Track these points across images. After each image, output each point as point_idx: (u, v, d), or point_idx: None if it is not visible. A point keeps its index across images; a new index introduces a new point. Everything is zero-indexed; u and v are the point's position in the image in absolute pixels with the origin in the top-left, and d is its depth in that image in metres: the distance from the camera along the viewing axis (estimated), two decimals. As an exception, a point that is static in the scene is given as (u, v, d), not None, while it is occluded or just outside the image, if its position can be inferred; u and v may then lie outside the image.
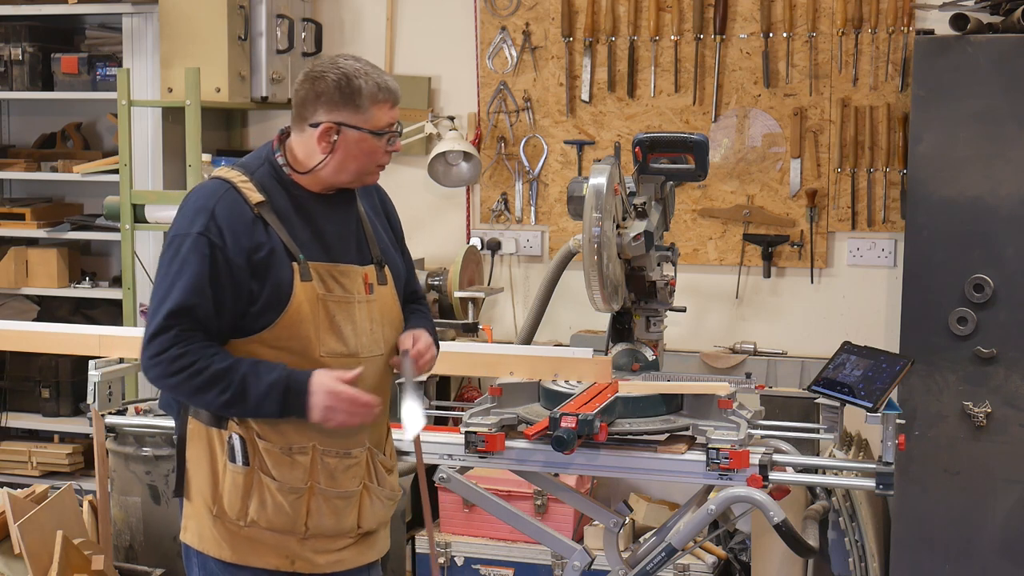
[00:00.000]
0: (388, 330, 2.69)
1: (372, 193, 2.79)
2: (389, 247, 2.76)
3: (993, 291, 4.03)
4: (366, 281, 2.65)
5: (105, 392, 3.59)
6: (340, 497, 2.63)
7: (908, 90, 4.41)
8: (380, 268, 2.69)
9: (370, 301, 2.65)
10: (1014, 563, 4.09)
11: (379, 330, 2.67)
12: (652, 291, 3.49)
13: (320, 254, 2.60)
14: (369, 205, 2.76)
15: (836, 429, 3.15)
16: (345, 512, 2.65)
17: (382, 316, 2.68)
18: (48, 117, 5.47)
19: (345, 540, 2.68)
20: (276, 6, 4.85)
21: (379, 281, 2.68)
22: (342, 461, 2.63)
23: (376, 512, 2.72)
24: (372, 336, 2.65)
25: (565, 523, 4.31)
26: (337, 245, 2.63)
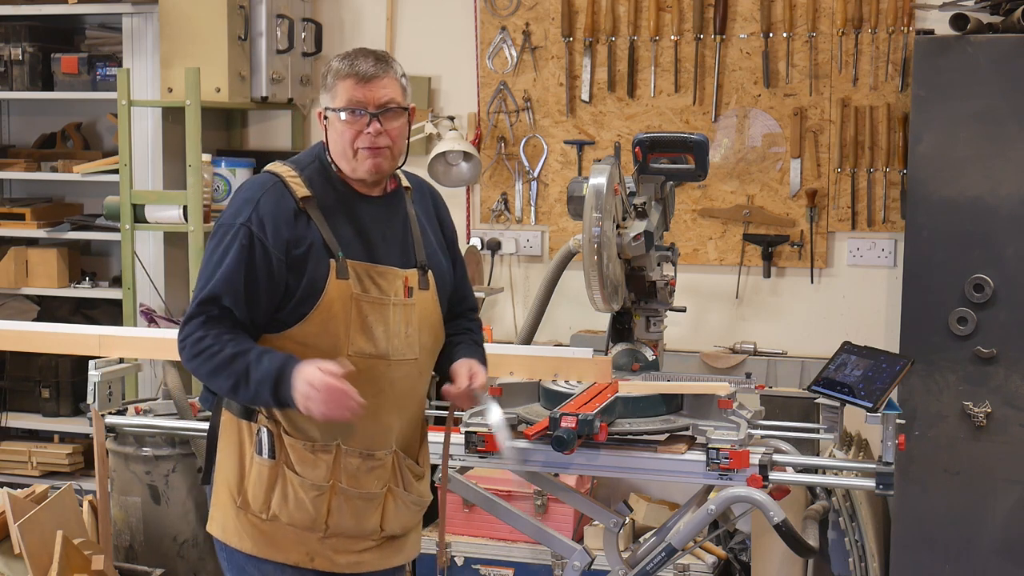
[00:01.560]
0: (425, 335, 2.68)
1: (427, 197, 2.79)
2: (437, 252, 2.74)
3: (993, 291, 4.03)
4: (406, 284, 2.63)
5: (105, 392, 3.60)
6: (362, 498, 2.64)
7: (908, 90, 4.41)
8: (423, 273, 2.68)
9: (408, 305, 2.64)
10: (1014, 563, 4.09)
11: (415, 334, 2.65)
12: (652, 291, 3.49)
13: (361, 253, 2.60)
14: (422, 209, 2.76)
15: (836, 429, 3.16)
16: (366, 514, 2.65)
17: (420, 321, 2.66)
18: (48, 117, 5.46)
19: (367, 542, 2.67)
20: (276, 6, 4.86)
21: (420, 286, 2.66)
22: (365, 462, 2.63)
23: (400, 517, 2.72)
24: (407, 340, 2.64)
25: (565, 523, 4.30)
26: (380, 246, 2.63)
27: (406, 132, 2.64)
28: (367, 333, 2.58)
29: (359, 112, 2.55)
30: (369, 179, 2.62)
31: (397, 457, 2.68)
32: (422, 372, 2.71)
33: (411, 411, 2.73)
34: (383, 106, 2.56)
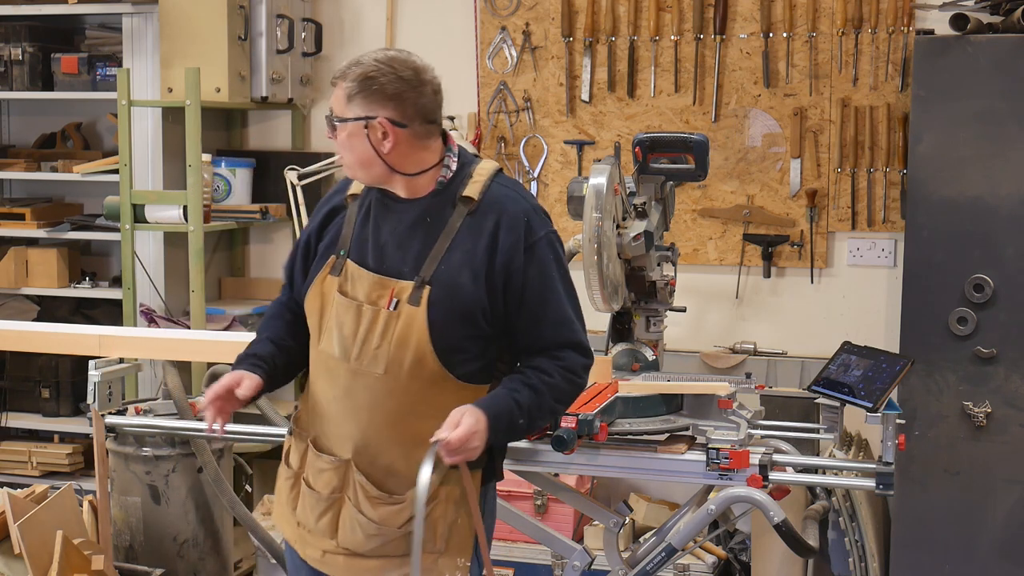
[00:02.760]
0: (401, 352, 2.51)
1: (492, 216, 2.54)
2: (458, 272, 2.51)
3: (993, 291, 4.03)
4: (392, 295, 2.53)
5: (105, 392, 3.60)
6: (313, 496, 2.65)
7: (908, 90, 4.41)
8: (419, 287, 2.51)
9: (390, 316, 2.51)
10: (1014, 563, 4.09)
11: (387, 348, 2.52)
12: (652, 291, 3.49)
13: (363, 255, 2.59)
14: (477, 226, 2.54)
15: (836, 429, 3.16)
16: (319, 514, 2.64)
17: (400, 337, 2.51)
18: (48, 117, 5.46)
19: (330, 545, 2.64)
20: (276, 6, 4.85)
21: (411, 300, 2.50)
22: (319, 460, 2.64)
23: (354, 534, 2.60)
24: (375, 352, 2.53)
25: (565, 523, 4.31)
26: (388, 252, 2.57)
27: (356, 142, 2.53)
28: (334, 334, 2.57)
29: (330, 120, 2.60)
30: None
31: (349, 468, 2.59)
32: (392, 391, 2.53)
33: (377, 429, 2.56)
34: (329, 118, 2.59)
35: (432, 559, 2.58)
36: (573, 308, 2.60)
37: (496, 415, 2.47)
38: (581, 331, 2.61)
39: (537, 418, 2.56)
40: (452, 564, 2.59)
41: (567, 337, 2.57)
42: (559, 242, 2.62)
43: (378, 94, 2.50)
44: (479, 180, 2.57)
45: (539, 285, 2.54)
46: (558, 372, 2.55)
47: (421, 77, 2.55)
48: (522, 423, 2.52)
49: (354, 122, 2.52)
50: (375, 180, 2.59)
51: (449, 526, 2.58)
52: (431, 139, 2.58)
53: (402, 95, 2.51)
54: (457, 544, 2.60)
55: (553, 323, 2.56)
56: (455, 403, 2.49)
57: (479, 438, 2.45)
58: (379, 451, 2.58)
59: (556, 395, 2.56)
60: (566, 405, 2.66)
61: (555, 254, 2.58)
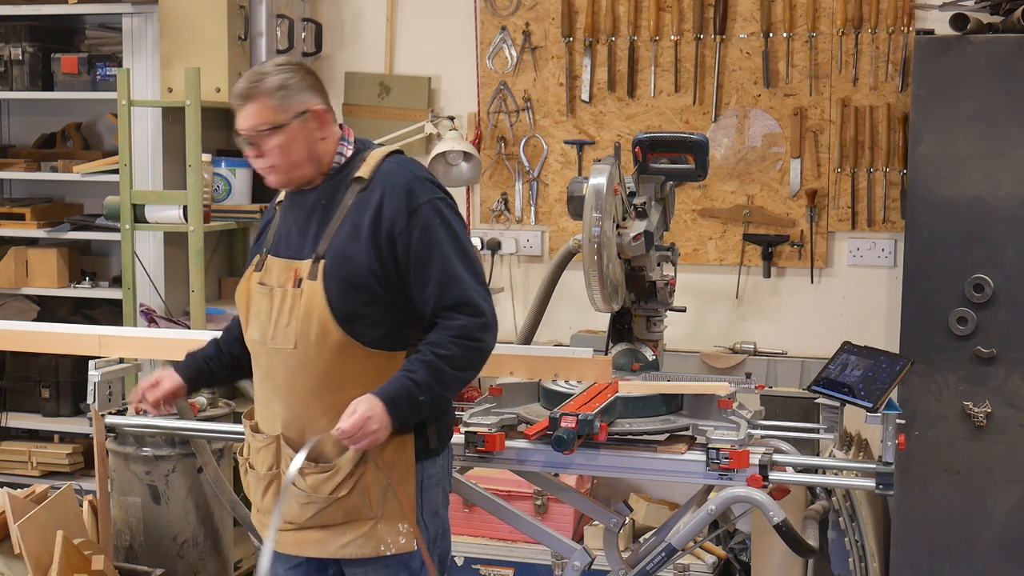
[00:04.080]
0: (306, 325, 2.66)
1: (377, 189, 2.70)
2: (346, 244, 2.66)
3: (993, 291, 4.03)
4: (295, 275, 2.69)
5: (105, 392, 3.60)
6: (254, 476, 2.83)
7: (908, 90, 4.41)
8: (315, 263, 2.67)
9: (296, 294, 2.68)
10: (1014, 563, 4.09)
11: (295, 324, 2.67)
12: (652, 291, 3.49)
13: (278, 248, 2.79)
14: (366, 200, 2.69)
15: (836, 429, 3.15)
16: (264, 492, 2.80)
17: (306, 312, 2.66)
18: (48, 117, 5.46)
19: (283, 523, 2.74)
20: (276, 6, 4.85)
21: (310, 276, 2.67)
22: (255, 440, 2.81)
23: (290, 507, 2.71)
24: (285, 329, 2.69)
25: (565, 523, 4.31)
26: (292, 238, 2.77)
27: (298, 141, 2.69)
28: (255, 321, 2.76)
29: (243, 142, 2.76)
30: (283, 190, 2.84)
31: (279, 443, 2.75)
32: (304, 364, 2.67)
33: (299, 402, 2.71)
34: (250, 133, 2.72)
35: (370, 524, 2.71)
36: (466, 268, 2.69)
37: (392, 398, 2.60)
38: (473, 290, 2.69)
39: (440, 390, 2.66)
40: (393, 529, 2.72)
41: (456, 296, 2.66)
42: (448, 207, 2.73)
43: (298, 88, 2.70)
44: (371, 161, 2.74)
45: (423, 247, 2.66)
46: (451, 342, 2.65)
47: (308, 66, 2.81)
48: (423, 399, 2.63)
49: (295, 120, 2.69)
50: (302, 180, 2.76)
51: (383, 491, 2.69)
52: (336, 129, 2.78)
53: (317, 84, 2.76)
54: (396, 509, 2.71)
55: (439, 282, 2.66)
56: (369, 371, 2.66)
57: (376, 422, 2.58)
58: (305, 424, 2.71)
59: (455, 364, 2.66)
60: (473, 371, 2.73)
61: (441, 217, 2.69)
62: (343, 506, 2.70)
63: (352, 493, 2.69)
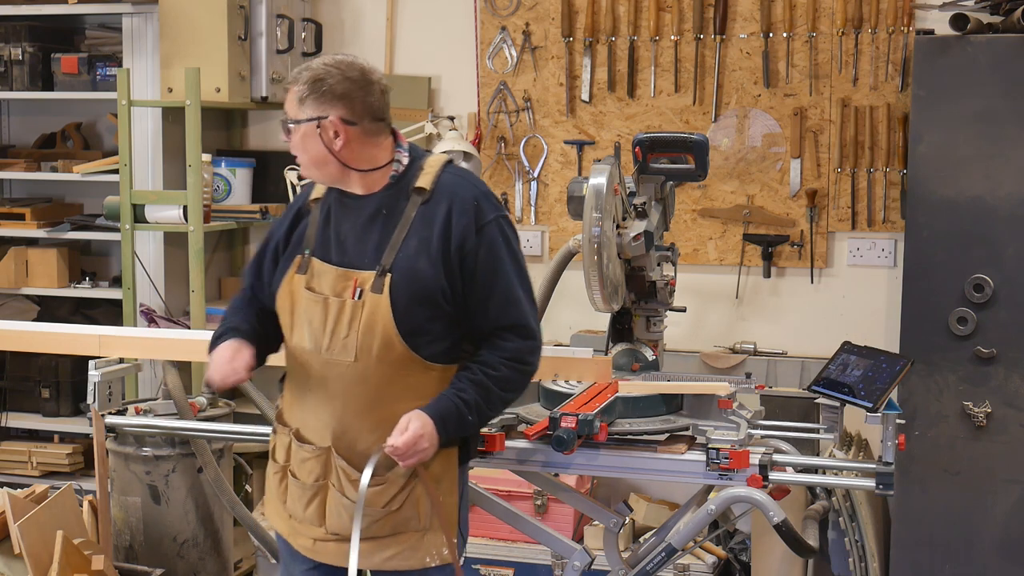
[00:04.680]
0: (368, 339, 2.62)
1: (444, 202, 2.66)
2: (415, 258, 2.63)
3: (993, 291, 4.03)
4: (355, 285, 2.65)
5: (105, 392, 3.60)
6: (299, 486, 2.75)
7: (908, 90, 4.41)
8: (380, 276, 2.63)
9: (356, 305, 2.63)
10: (1014, 563, 4.09)
11: (355, 336, 2.63)
12: (652, 291, 3.49)
13: (327, 252, 2.71)
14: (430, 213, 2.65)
15: (836, 429, 3.15)
16: (308, 503, 2.74)
17: (367, 324, 2.62)
18: (48, 117, 5.46)
19: (319, 532, 2.74)
20: (276, 6, 4.85)
21: (374, 289, 2.63)
22: (301, 450, 2.74)
23: (340, 519, 2.69)
24: (344, 341, 2.64)
25: (565, 523, 4.30)
26: (349, 246, 2.69)
27: (309, 142, 2.65)
28: (304, 328, 2.70)
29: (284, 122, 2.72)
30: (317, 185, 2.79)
31: (330, 455, 2.70)
32: (364, 377, 2.64)
33: (352, 414, 2.67)
34: (284, 121, 2.70)
35: (417, 537, 2.70)
36: (524, 290, 2.71)
37: (443, 417, 2.61)
38: (529, 314, 2.71)
39: (487, 409, 2.69)
40: (438, 541, 2.71)
41: (513, 316, 2.67)
42: (510, 227, 2.72)
43: (328, 95, 2.63)
44: (430, 171, 2.70)
45: (489, 264, 2.65)
46: (503, 364, 2.67)
47: (368, 78, 2.67)
48: (471, 419, 2.65)
49: (307, 123, 2.64)
50: (329, 178, 2.71)
51: (432, 504, 2.69)
52: (381, 136, 2.69)
53: (350, 94, 2.64)
54: (443, 522, 2.71)
55: (500, 301, 2.66)
56: (425, 383, 2.65)
57: (427, 440, 2.59)
58: (357, 436, 2.68)
59: (503, 385, 2.67)
60: (519, 392, 2.75)
61: (504, 237, 2.69)
62: (393, 518, 2.68)
63: (404, 506, 2.68)
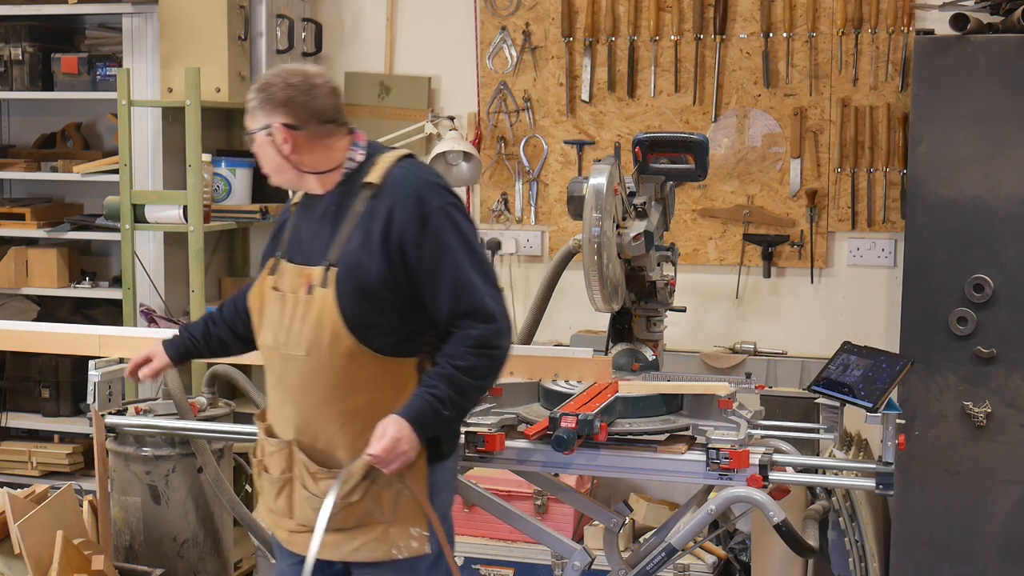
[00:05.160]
0: (318, 333, 2.68)
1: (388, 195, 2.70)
2: (359, 251, 2.67)
3: (993, 291, 4.03)
4: (307, 281, 2.71)
5: (105, 392, 3.60)
6: (269, 480, 2.84)
7: (908, 90, 4.41)
8: (327, 270, 2.69)
9: (308, 301, 2.70)
10: (1014, 563, 4.09)
11: (307, 331, 2.69)
12: (652, 291, 3.49)
13: (293, 253, 2.81)
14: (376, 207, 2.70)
15: (836, 429, 3.15)
16: (277, 495, 2.83)
17: (317, 318, 2.68)
18: (48, 117, 5.46)
19: (291, 524, 2.82)
20: (276, 6, 4.85)
21: (322, 283, 2.68)
22: (268, 444, 2.84)
23: (303, 511, 2.76)
24: (297, 336, 2.70)
25: (565, 523, 4.30)
26: (305, 244, 2.79)
27: (264, 150, 2.75)
28: (268, 325, 2.79)
29: None
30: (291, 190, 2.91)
31: (292, 448, 2.77)
32: (317, 371, 2.69)
33: (312, 407, 2.73)
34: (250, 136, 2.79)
35: (381, 529, 2.73)
36: (479, 274, 2.69)
37: (417, 417, 2.63)
38: (487, 295, 2.69)
39: (462, 401, 2.70)
40: (404, 533, 2.74)
41: (469, 301, 2.67)
42: (460, 213, 2.72)
43: (271, 102, 2.71)
44: (382, 166, 2.74)
45: (434, 253, 2.66)
46: (469, 353, 2.66)
47: (311, 82, 2.73)
48: (447, 413, 2.66)
49: (259, 132, 2.75)
50: (289, 182, 2.81)
51: (395, 496, 2.71)
52: (333, 138, 2.75)
53: (293, 100, 2.71)
54: (407, 513, 2.73)
55: (452, 288, 2.67)
56: (379, 376, 2.68)
57: (406, 443, 2.62)
58: (317, 429, 2.74)
59: (474, 374, 2.68)
60: (491, 378, 2.75)
61: (452, 223, 2.69)
62: (355, 511, 2.72)
63: (364, 498, 2.71)
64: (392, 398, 2.67)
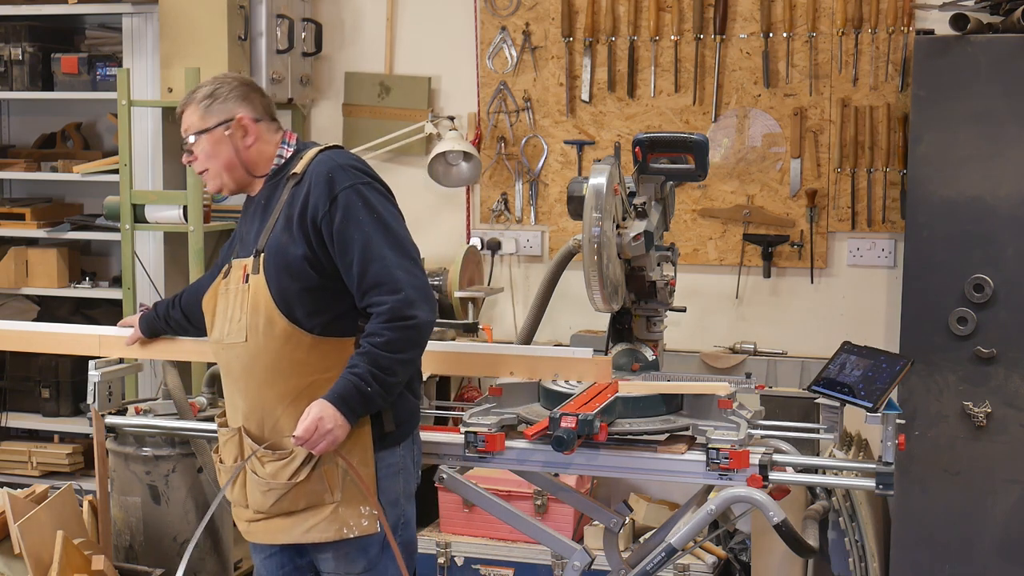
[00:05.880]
0: (255, 318, 2.79)
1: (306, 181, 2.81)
2: (279, 235, 2.80)
3: (993, 291, 4.03)
4: (244, 271, 2.83)
5: (105, 392, 3.59)
6: (224, 469, 2.93)
7: (908, 90, 4.41)
8: (256, 257, 2.81)
9: (243, 290, 2.82)
10: (1014, 563, 4.09)
11: (245, 318, 2.80)
12: (652, 291, 3.49)
13: (238, 251, 2.93)
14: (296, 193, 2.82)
15: (836, 429, 3.15)
16: (233, 484, 2.90)
17: (252, 304, 2.79)
18: (48, 117, 5.47)
19: (248, 514, 2.89)
20: (276, 6, 4.86)
21: (253, 270, 2.80)
22: (222, 433, 2.95)
23: (254, 496, 2.85)
24: (237, 324, 2.82)
25: (565, 523, 4.30)
26: (244, 240, 2.92)
27: (220, 148, 2.88)
28: (216, 320, 2.90)
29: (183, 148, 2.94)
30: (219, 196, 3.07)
31: (241, 435, 2.87)
32: (256, 355, 2.79)
33: (255, 393, 2.83)
34: (185, 137, 2.92)
35: (331, 508, 2.80)
36: (391, 247, 2.75)
37: (341, 396, 2.70)
38: (398, 266, 2.74)
39: (387, 376, 2.73)
40: (355, 512, 2.81)
41: (376, 274, 2.73)
42: (373, 192, 2.80)
43: (231, 98, 2.88)
44: (307, 158, 2.86)
45: (344, 230, 2.74)
46: (383, 328, 2.71)
47: (253, 82, 3.00)
48: (371, 390, 2.71)
49: (217, 128, 2.86)
50: (238, 183, 2.93)
51: (343, 475, 2.79)
52: (276, 135, 2.95)
53: (248, 95, 2.92)
54: (356, 493, 2.80)
55: (361, 261, 2.73)
56: (317, 358, 2.78)
57: (329, 421, 2.69)
58: (263, 414, 2.84)
59: (392, 348, 2.72)
60: (414, 349, 2.79)
61: (363, 200, 2.77)
62: (303, 492, 2.80)
63: (310, 478, 2.79)
64: (333, 379, 2.75)
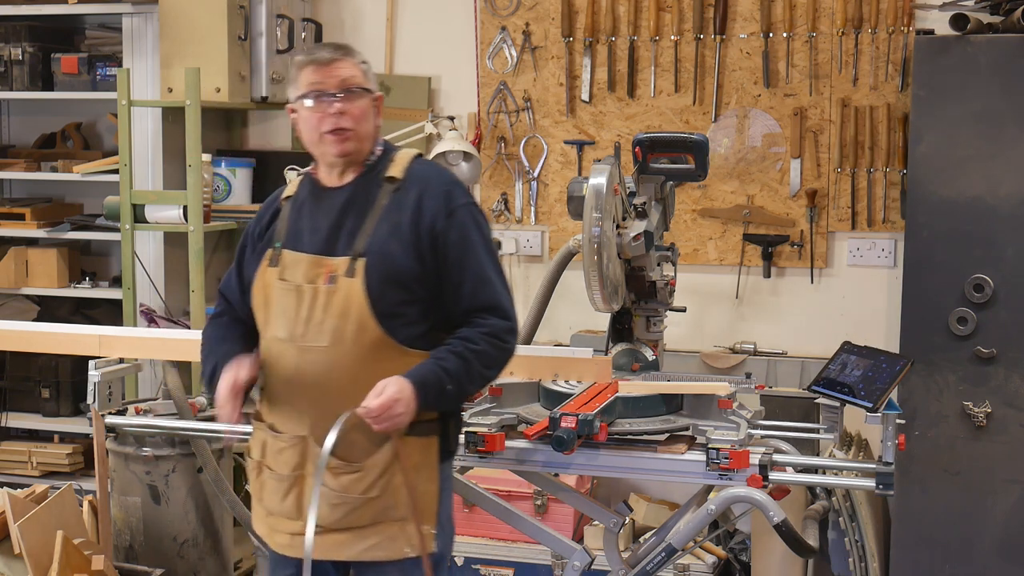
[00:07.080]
0: (343, 323, 2.65)
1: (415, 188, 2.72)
2: (388, 242, 2.68)
3: (993, 291, 4.03)
4: (328, 272, 2.68)
5: (105, 392, 3.60)
6: (275, 478, 2.76)
7: (908, 90, 4.41)
8: (353, 260, 2.67)
9: (329, 291, 2.66)
10: (1014, 563, 4.09)
11: (330, 321, 2.65)
12: (652, 291, 3.49)
13: (301, 243, 2.75)
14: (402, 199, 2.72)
15: (836, 429, 3.15)
16: (285, 494, 2.74)
17: (341, 308, 2.65)
18: (48, 117, 5.46)
19: (296, 526, 2.71)
20: (276, 6, 4.85)
21: (347, 273, 2.66)
22: (276, 441, 2.76)
23: (320, 508, 2.63)
24: (318, 327, 2.66)
25: (565, 523, 4.30)
26: (322, 235, 2.73)
27: (371, 116, 2.75)
28: (280, 319, 2.72)
29: (323, 96, 2.69)
30: (339, 164, 2.76)
31: (307, 443, 2.71)
32: (339, 362, 2.65)
33: (330, 400, 2.65)
34: (343, 87, 2.70)
35: (398, 526, 2.70)
36: (496, 274, 2.75)
37: (422, 382, 2.61)
38: (504, 295, 2.76)
39: (467, 383, 2.69)
40: (416, 531, 2.70)
41: (487, 297, 2.72)
42: (480, 215, 2.79)
43: (371, 73, 2.78)
44: (401, 162, 2.78)
45: (460, 247, 2.71)
46: (483, 339, 2.69)
47: None
48: (451, 388, 2.64)
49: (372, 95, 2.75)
50: (359, 157, 2.76)
51: (410, 491, 2.68)
52: None
53: None
54: (422, 511, 2.70)
55: (473, 282, 2.71)
56: (401, 369, 2.63)
57: (403, 405, 2.59)
58: (334, 422, 2.63)
59: (483, 361, 2.69)
60: (497, 370, 2.76)
61: (475, 221, 2.75)
62: (372, 507, 2.69)
63: (383, 494, 2.68)
64: None
